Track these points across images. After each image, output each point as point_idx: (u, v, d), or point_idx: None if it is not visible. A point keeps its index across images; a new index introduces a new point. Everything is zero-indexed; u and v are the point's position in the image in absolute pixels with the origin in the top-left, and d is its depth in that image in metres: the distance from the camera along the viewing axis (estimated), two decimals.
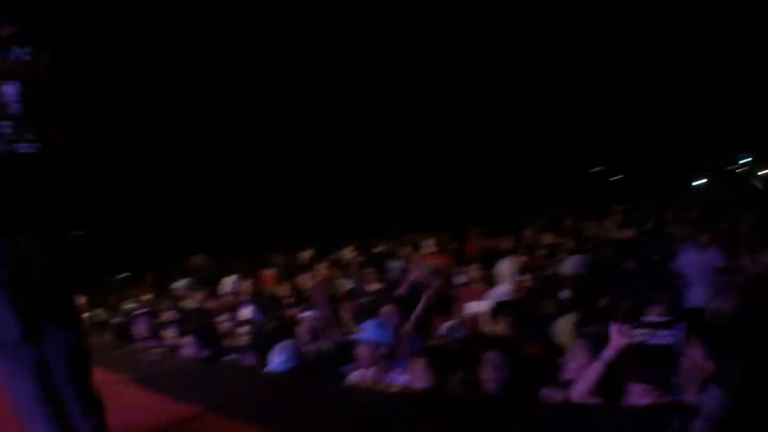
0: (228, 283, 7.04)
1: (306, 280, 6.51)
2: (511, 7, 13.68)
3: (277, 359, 4.18)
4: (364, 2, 12.78)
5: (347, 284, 6.20)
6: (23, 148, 2.37)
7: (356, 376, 3.83)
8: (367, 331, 3.92)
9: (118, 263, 12.29)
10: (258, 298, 6.27)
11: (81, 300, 8.17)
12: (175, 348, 5.46)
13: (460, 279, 5.29)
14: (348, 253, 8.76)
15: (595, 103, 16.81)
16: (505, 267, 4.97)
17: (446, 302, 4.85)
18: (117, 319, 7.03)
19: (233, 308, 5.84)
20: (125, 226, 14.39)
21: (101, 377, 4.13)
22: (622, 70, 16.05)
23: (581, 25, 14.38)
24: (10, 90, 2.36)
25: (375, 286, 5.64)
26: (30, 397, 2.35)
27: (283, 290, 6.57)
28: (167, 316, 6.16)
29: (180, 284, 7.97)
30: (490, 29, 14.06)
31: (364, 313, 4.64)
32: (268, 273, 7.79)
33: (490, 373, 3.15)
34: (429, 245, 7.15)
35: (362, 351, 3.75)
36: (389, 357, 3.84)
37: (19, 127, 2.36)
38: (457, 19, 13.81)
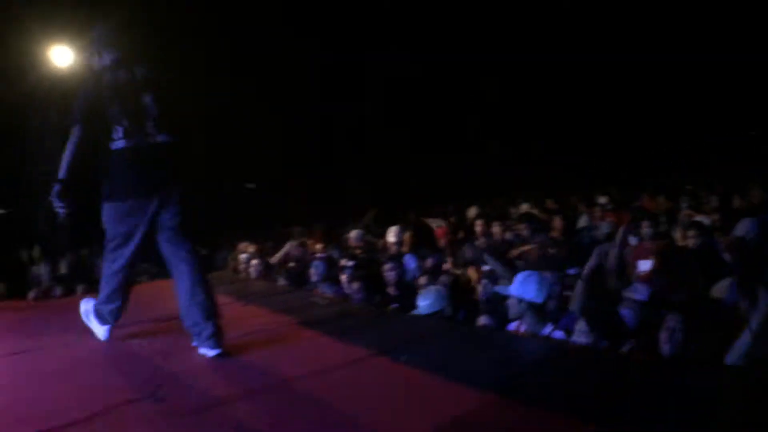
0: (392, 232, 7.17)
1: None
2: None
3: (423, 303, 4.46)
4: None
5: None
6: (161, 138, 3.58)
7: (511, 327, 3.92)
8: (517, 285, 3.88)
9: (298, 214, 12.84)
10: (417, 248, 6.40)
11: (253, 247, 8.68)
12: (345, 294, 5.71)
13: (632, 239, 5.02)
14: (522, 209, 8.78)
15: None
16: None
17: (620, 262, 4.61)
18: (290, 265, 7.35)
19: (397, 258, 5.89)
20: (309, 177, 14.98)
21: (272, 319, 4.36)
22: None
23: None
24: (148, 100, 3.55)
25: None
26: None
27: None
28: (339, 263, 6.33)
29: (353, 234, 8.25)
30: None
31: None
32: (439, 226, 7.92)
33: (667, 336, 3.03)
34: (603, 201, 6.88)
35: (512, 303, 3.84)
36: (541, 312, 3.75)
37: (157, 124, 3.56)
38: None
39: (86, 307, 4.16)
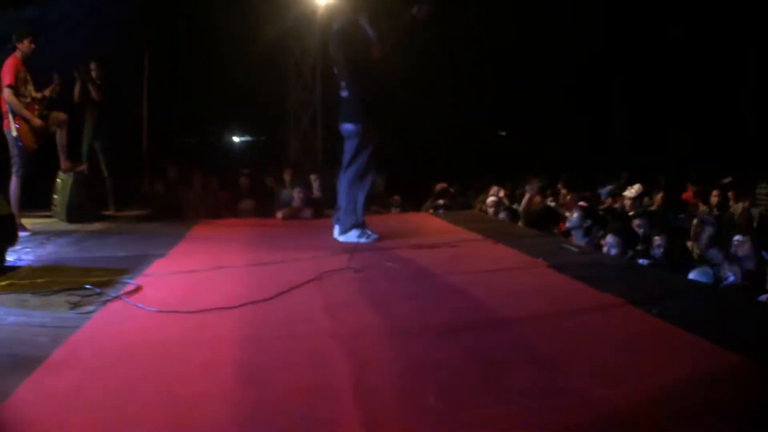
0: (634, 190, 7.49)
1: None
2: None
3: None
4: None
5: None
6: (345, 94, 5.45)
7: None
8: None
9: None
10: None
11: (502, 192, 8.86)
12: (597, 245, 5.79)
13: None
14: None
15: None
16: None
17: None
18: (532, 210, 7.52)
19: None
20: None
21: (522, 259, 4.49)
22: None
23: None
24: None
25: None
26: None
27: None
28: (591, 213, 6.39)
29: (604, 190, 8.15)
30: None
31: None
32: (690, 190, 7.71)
33: None
34: None
35: None
36: None
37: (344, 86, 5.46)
38: None
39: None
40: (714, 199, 8.34)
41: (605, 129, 16.05)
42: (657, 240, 5.33)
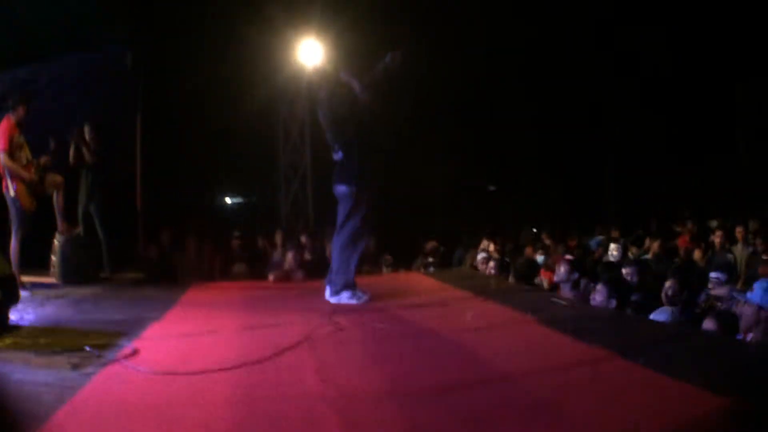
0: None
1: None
2: None
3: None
4: None
5: None
6: (338, 156, 5.73)
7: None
8: (756, 293, 3.76)
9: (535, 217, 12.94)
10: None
11: (492, 246, 8.99)
12: (585, 297, 5.89)
13: None
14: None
15: None
16: None
17: None
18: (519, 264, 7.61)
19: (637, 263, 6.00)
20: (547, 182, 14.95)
21: (511, 315, 4.57)
22: None
23: None
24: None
25: None
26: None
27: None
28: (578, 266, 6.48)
29: (593, 241, 8.30)
30: None
31: None
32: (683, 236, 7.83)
33: None
34: None
35: (746, 311, 3.89)
36: None
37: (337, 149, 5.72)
38: None
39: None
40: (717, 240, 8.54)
41: (595, 179, 16.25)
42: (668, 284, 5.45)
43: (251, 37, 10.52)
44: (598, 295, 5.29)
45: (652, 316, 4.90)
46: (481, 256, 8.68)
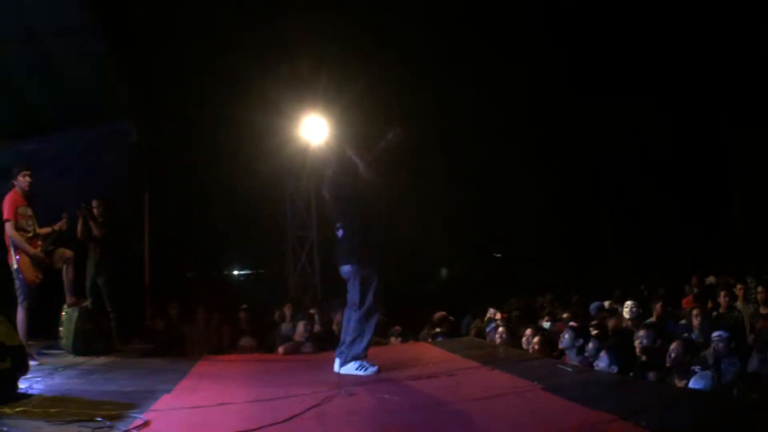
0: (628, 306, 7.93)
1: None
2: None
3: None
4: None
5: None
6: (340, 233, 5.85)
7: None
8: None
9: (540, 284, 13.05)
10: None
11: (499, 314, 9.06)
12: (590, 362, 5.95)
13: None
14: None
15: None
16: None
17: None
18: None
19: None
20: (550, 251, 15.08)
21: (517, 383, 4.67)
22: None
23: None
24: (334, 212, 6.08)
25: None
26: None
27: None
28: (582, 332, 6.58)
29: (593, 306, 8.35)
30: None
31: None
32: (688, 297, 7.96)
33: None
34: None
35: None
36: None
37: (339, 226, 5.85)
38: None
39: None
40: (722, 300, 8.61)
41: (596, 246, 16.37)
42: (673, 347, 5.54)
43: (257, 113, 10.86)
44: (601, 361, 5.38)
45: (691, 383, 5.00)
46: (489, 325, 8.73)
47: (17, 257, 6.59)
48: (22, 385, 4.74)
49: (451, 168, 13.96)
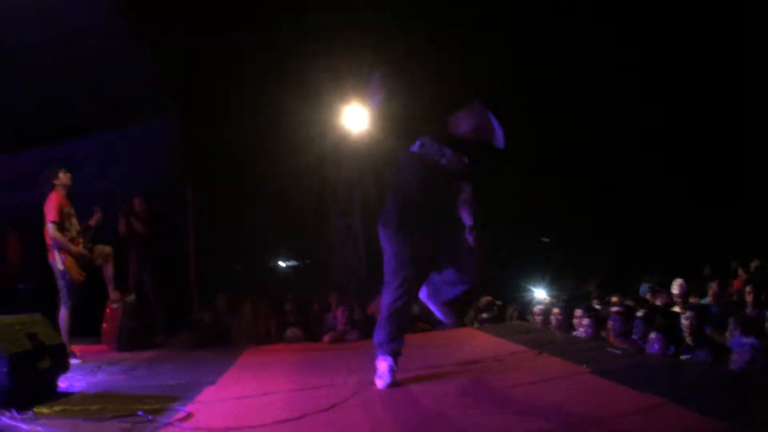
0: (677, 284, 7.73)
1: None
2: None
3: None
4: None
5: None
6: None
7: None
8: None
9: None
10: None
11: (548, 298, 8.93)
12: (639, 345, 5.85)
13: None
14: None
15: None
16: None
17: None
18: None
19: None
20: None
21: (565, 367, 4.57)
22: None
23: None
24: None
25: None
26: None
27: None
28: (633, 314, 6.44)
29: (642, 288, 8.21)
30: None
31: None
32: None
33: None
34: None
35: None
36: None
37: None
38: None
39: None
40: None
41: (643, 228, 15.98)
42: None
43: (298, 102, 10.87)
44: (653, 343, 5.26)
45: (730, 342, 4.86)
46: (538, 307, 8.62)
47: (63, 258, 6.67)
48: (63, 383, 4.79)
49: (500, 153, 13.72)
